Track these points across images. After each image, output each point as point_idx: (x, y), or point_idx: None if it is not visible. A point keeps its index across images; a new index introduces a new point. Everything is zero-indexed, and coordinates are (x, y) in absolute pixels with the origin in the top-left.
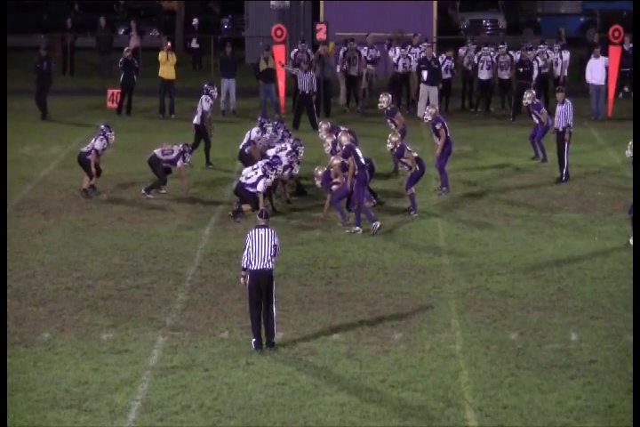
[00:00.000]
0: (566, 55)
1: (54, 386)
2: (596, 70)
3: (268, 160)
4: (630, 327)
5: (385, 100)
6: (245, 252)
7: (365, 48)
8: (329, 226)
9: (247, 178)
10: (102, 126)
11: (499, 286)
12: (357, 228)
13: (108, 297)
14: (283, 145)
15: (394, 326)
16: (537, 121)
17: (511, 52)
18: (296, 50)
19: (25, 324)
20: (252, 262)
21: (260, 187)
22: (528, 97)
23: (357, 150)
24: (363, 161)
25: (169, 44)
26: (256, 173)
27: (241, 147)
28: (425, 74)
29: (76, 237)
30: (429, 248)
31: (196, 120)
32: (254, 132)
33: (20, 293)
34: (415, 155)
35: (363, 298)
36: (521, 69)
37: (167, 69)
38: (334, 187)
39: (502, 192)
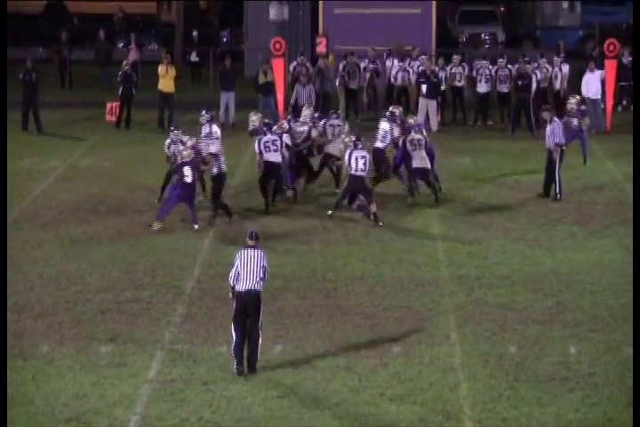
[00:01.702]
0: (565, 68)
1: (53, 399)
2: (592, 84)
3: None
4: (629, 340)
5: (254, 118)
6: (233, 271)
7: (365, 61)
8: (328, 238)
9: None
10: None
11: (498, 299)
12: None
13: (106, 310)
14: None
15: (393, 339)
16: (575, 125)
17: (510, 66)
18: (295, 63)
19: (24, 337)
20: (240, 284)
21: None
22: (573, 102)
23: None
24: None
25: (168, 56)
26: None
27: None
28: (424, 88)
29: (75, 250)
30: (428, 261)
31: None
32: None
33: (19, 306)
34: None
35: (361, 311)
36: (520, 82)
37: (166, 82)
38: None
39: (501, 205)
